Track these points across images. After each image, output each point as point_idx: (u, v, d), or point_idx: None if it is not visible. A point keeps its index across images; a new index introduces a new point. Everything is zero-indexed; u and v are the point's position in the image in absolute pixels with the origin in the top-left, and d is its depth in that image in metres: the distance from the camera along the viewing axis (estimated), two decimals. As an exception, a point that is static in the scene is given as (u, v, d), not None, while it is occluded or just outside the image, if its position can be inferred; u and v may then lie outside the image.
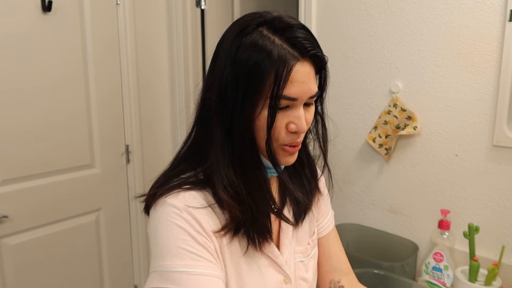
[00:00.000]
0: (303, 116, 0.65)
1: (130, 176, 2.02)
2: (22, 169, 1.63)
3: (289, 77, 0.61)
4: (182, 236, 0.63)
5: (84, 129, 1.80)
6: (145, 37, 2.00)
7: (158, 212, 0.66)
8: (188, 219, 0.64)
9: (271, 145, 0.65)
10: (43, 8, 1.60)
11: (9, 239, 1.62)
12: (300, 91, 0.63)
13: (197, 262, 0.62)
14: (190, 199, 0.66)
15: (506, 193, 1.26)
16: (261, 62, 0.61)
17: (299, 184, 0.79)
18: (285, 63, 0.61)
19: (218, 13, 2.21)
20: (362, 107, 1.52)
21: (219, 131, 0.66)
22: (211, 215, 0.67)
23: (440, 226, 1.31)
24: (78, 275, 1.86)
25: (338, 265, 0.87)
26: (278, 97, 0.61)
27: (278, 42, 0.62)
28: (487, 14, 1.22)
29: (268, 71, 0.61)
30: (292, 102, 0.64)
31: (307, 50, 0.63)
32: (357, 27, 1.49)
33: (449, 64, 1.31)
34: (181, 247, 0.62)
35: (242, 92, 0.63)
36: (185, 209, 0.64)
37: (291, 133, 0.66)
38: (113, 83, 1.89)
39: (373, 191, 1.53)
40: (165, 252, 0.63)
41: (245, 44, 0.62)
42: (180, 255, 0.62)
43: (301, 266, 0.79)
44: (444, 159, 1.36)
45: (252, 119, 0.64)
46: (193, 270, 0.62)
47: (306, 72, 0.64)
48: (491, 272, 1.16)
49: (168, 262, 0.62)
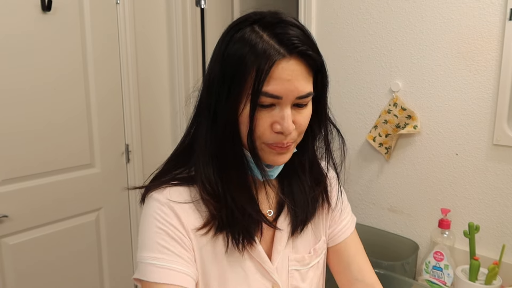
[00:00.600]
0: (288, 117, 0.62)
1: (130, 176, 2.02)
2: (22, 169, 1.62)
3: (271, 73, 0.59)
4: (157, 229, 0.65)
5: (84, 129, 1.80)
6: (145, 37, 2.00)
7: (146, 206, 0.68)
8: (168, 213, 0.65)
9: (254, 143, 0.64)
10: (42, 7, 1.60)
11: (9, 239, 1.62)
12: (284, 89, 0.60)
13: (167, 257, 0.63)
14: (174, 195, 0.67)
15: (506, 192, 1.26)
16: (245, 55, 0.60)
17: (300, 192, 0.75)
18: (268, 58, 0.59)
19: (218, 12, 2.21)
20: (362, 106, 1.52)
21: (204, 126, 0.66)
22: (194, 211, 0.67)
23: (441, 225, 1.31)
24: (78, 275, 1.86)
25: (360, 275, 0.81)
26: (258, 93, 0.60)
27: (265, 38, 0.60)
28: (487, 13, 1.22)
29: (251, 65, 0.59)
30: (277, 101, 0.61)
31: (294, 46, 0.60)
32: (357, 26, 1.49)
33: (449, 63, 1.31)
34: (155, 240, 0.64)
35: (227, 86, 0.62)
36: (167, 204, 0.66)
37: (276, 133, 0.63)
38: (113, 82, 1.89)
39: (373, 190, 1.53)
40: (142, 244, 0.65)
41: (234, 39, 0.62)
42: (152, 248, 0.64)
43: (296, 274, 0.75)
44: (444, 158, 1.35)
45: (236, 115, 0.63)
46: (161, 264, 0.63)
47: (292, 70, 0.61)
48: (491, 271, 1.16)
49: (143, 254, 0.64)
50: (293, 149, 0.69)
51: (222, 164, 0.67)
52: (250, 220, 0.68)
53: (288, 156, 0.68)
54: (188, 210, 0.67)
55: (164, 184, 0.69)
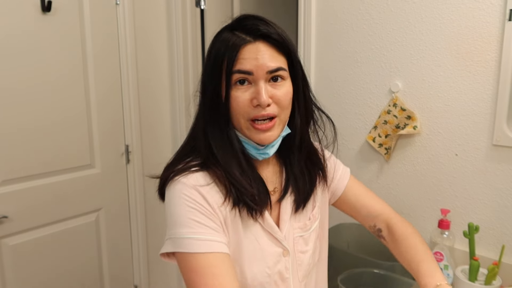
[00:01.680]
0: (262, 89, 0.74)
1: (130, 176, 2.02)
2: (22, 169, 1.62)
3: (238, 55, 0.74)
4: (189, 208, 0.74)
5: (84, 129, 1.80)
6: (144, 37, 2.00)
7: (172, 189, 0.77)
8: (195, 194, 0.75)
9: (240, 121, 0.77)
10: (42, 8, 1.60)
11: (9, 239, 1.62)
12: (253, 65, 0.74)
13: (204, 230, 0.73)
14: (198, 179, 0.77)
15: (506, 193, 1.26)
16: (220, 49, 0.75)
17: (301, 172, 0.87)
18: (236, 44, 0.74)
19: (217, 13, 2.21)
20: (361, 107, 1.52)
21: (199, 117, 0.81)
22: (214, 191, 0.77)
23: (440, 226, 1.31)
24: (78, 275, 1.86)
25: (367, 211, 0.96)
26: (230, 72, 0.74)
27: (237, 33, 0.76)
28: (487, 13, 1.22)
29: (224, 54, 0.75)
30: (250, 77, 0.74)
31: (257, 31, 0.75)
32: (357, 27, 1.49)
33: (448, 64, 1.31)
34: (188, 217, 0.73)
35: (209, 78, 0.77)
36: (193, 187, 0.75)
37: (255, 107, 0.75)
38: (113, 83, 1.89)
39: (373, 191, 1.52)
40: (177, 222, 0.74)
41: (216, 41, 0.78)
42: (189, 224, 0.73)
43: (300, 240, 0.87)
44: (444, 158, 1.36)
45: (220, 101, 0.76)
46: (200, 237, 0.72)
47: (258, 50, 0.74)
48: (491, 271, 1.16)
49: (180, 230, 0.73)
50: (278, 127, 0.79)
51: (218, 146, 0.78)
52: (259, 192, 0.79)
53: (274, 134, 0.78)
54: (210, 191, 0.77)
55: (187, 171, 0.78)
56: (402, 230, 0.92)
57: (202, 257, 0.71)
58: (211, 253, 0.71)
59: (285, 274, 0.84)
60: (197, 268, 0.71)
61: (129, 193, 2.03)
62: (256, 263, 0.80)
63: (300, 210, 0.87)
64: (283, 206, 0.85)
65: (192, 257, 0.71)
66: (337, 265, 1.28)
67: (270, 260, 0.81)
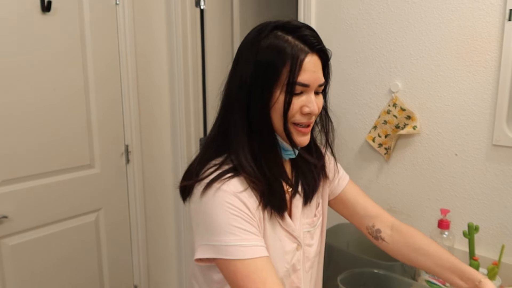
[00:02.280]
0: (314, 100, 0.80)
1: (129, 176, 2.02)
2: (22, 169, 1.63)
3: (302, 66, 0.76)
4: (233, 216, 0.76)
5: (84, 130, 1.80)
6: (144, 37, 2.00)
7: (212, 197, 0.77)
8: (237, 201, 0.77)
9: (287, 124, 0.79)
10: (42, 8, 1.60)
11: (9, 240, 1.62)
12: (311, 78, 0.78)
13: (248, 236, 0.76)
14: (236, 185, 0.79)
15: (505, 192, 1.26)
16: (277, 58, 0.76)
17: (308, 169, 0.92)
18: (299, 56, 0.76)
19: (217, 13, 2.21)
20: (361, 107, 1.52)
21: (239, 117, 0.80)
22: (250, 195, 0.80)
23: (440, 226, 1.31)
24: (78, 275, 1.86)
25: (365, 212, 1.00)
26: (294, 83, 0.76)
27: (291, 40, 0.77)
28: (487, 13, 1.22)
29: (285, 63, 0.76)
30: (305, 88, 0.78)
31: (314, 45, 0.78)
32: (356, 27, 1.49)
33: (448, 64, 1.31)
34: (234, 225, 0.75)
35: (261, 84, 0.77)
36: (233, 194, 0.77)
37: (304, 114, 0.80)
38: (113, 83, 1.89)
39: (373, 191, 1.54)
40: (220, 230, 0.75)
41: (263, 47, 0.77)
42: (234, 231, 0.75)
43: (307, 235, 0.93)
44: (444, 158, 1.36)
45: (269, 104, 0.78)
46: (245, 243, 0.75)
47: (315, 63, 0.79)
48: (490, 271, 1.16)
49: (224, 238, 0.75)
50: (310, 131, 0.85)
51: (260, 149, 0.81)
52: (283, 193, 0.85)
53: (309, 136, 0.85)
54: (247, 196, 0.79)
55: (223, 177, 0.79)
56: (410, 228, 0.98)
57: (250, 263, 0.74)
58: (257, 258, 0.75)
59: (297, 266, 0.90)
60: (245, 274, 0.74)
61: (128, 193, 2.03)
62: (278, 260, 0.85)
63: (308, 205, 0.92)
64: (294, 203, 0.90)
65: (239, 263, 0.74)
66: (337, 265, 1.28)
67: (289, 256, 0.87)
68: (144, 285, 2.15)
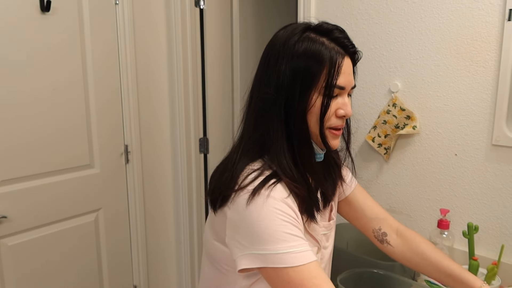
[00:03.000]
0: (349, 103, 0.81)
1: (129, 176, 2.02)
2: (21, 169, 1.62)
3: (341, 69, 0.76)
4: (283, 222, 0.74)
5: (83, 129, 1.80)
6: (144, 37, 2.00)
7: (261, 205, 0.74)
8: (285, 207, 0.75)
9: (324, 129, 0.80)
10: (41, 8, 1.60)
11: (8, 240, 1.62)
12: (347, 81, 0.79)
13: (298, 242, 0.74)
14: (282, 191, 0.77)
15: (505, 192, 1.26)
16: (316, 61, 0.76)
17: (328, 173, 0.93)
18: (337, 59, 0.76)
19: (217, 13, 2.21)
20: (361, 107, 1.52)
21: (277, 121, 0.78)
22: (293, 201, 0.79)
23: (440, 226, 1.31)
24: (77, 275, 1.86)
25: (373, 214, 1.01)
26: (332, 86, 0.77)
27: (326, 43, 0.77)
28: (486, 13, 1.22)
29: (323, 66, 0.76)
30: (341, 91, 0.79)
31: (348, 47, 0.79)
32: (356, 26, 1.49)
33: (448, 64, 1.31)
34: (284, 231, 0.73)
35: (299, 87, 0.76)
36: (282, 200, 0.76)
37: (338, 117, 0.80)
38: (112, 82, 1.89)
39: (373, 191, 1.54)
40: (269, 238, 0.72)
41: (298, 52, 0.76)
42: (285, 238, 0.73)
43: (323, 238, 0.93)
44: (444, 158, 1.36)
45: (307, 109, 0.78)
46: (297, 249, 0.73)
47: (349, 65, 0.80)
48: (490, 271, 1.16)
49: (274, 246, 0.72)
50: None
51: (298, 152, 0.80)
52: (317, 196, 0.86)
53: (339, 140, 0.86)
54: (291, 202, 0.78)
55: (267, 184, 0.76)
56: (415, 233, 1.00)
57: (303, 269, 0.72)
58: (309, 263, 0.73)
59: None
60: (298, 281, 0.71)
61: (128, 193, 2.03)
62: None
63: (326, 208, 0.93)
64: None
65: (291, 271, 0.72)
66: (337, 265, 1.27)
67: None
68: (144, 285, 2.15)
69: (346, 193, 1.03)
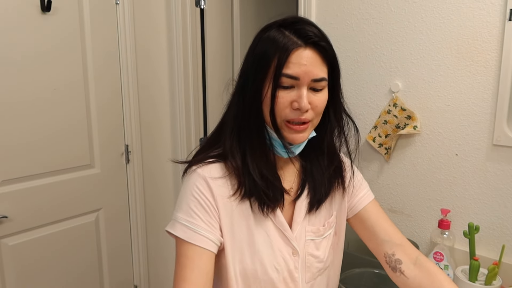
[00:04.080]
0: (305, 96, 0.75)
1: (130, 176, 2.02)
2: (22, 169, 1.62)
3: (289, 58, 0.73)
4: (192, 197, 0.79)
5: (84, 129, 1.80)
6: (144, 37, 2.00)
7: (187, 178, 0.82)
8: (203, 186, 0.79)
9: (276, 119, 0.77)
10: (42, 8, 1.60)
11: (9, 240, 1.62)
12: (301, 71, 0.74)
13: (195, 221, 0.77)
14: (211, 171, 0.81)
15: (506, 192, 1.26)
16: (269, 48, 0.75)
17: (319, 174, 0.88)
18: (288, 47, 0.74)
19: (217, 12, 2.21)
20: (361, 107, 1.52)
21: (234, 107, 0.81)
22: (226, 183, 0.81)
23: (440, 226, 1.31)
24: (78, 275, 1.86)
25: (387, 236, 0.88)
26: (279, 75, 0.74)
27: (286, 33, 0.75)
28: (487, 13, 1.22)
29: (274, 55, 0.74)
30: (295, 82, 0.75)
31: (309, 37, 0.75)
32: (357, 26, 1.49)
33: (449, 64, 1.31)
34: (189, 205, 0.79)
35: (253, 75, 0.77)
36: (204, 178, 0.79)
37: (294, 110, 0.76)
38: (113, 82, 1.89)
39: (373, 191, 1.51)
40: (179, 206, 0.80)
41: (262, 39, 0.78)
42: (185, 211, 0.79)
43: (311, 244, 0.88)
44: (444, 158, 1.36)
45: (260, 97, 0.76)
46: (190, 226, 0.77)
47: (307, 57, 0.75)
48: (491, 271, 1.16)
49: (178, 214, 0.79)
50: (309, 130, 0.80)
51: (247, 139, 0.80)
52: (273, 189, 0.81)
53: (305, 135, 0.80)
54: (221, 183, 0.80)
55: (204, 161, 0.82)
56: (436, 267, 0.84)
57: (183, 244, 0.77)
58: (191, 244, 0.76)
59: (295, 273, 0.86)
60: (178, 253, 0.77)
61: (129, 193, 2.03)
62: (266, 257, 0.82)
63: (314, 212, 0.88)
64: (298, 207, 0.87)
65: (178, 242, 0.78)
66: (337, 265, 1.27)
67: (279, 256, 0.84)
68: (144, 285, 2.15)
69: (356, 208, 0.93)
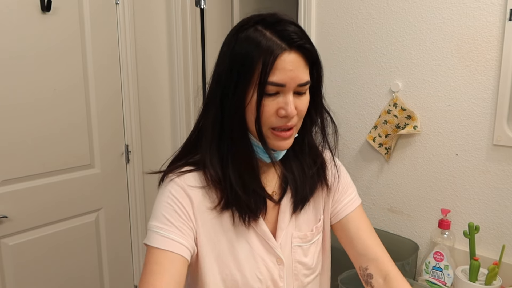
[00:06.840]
0: (291, 102, 0.71)
1: (130, 176, 2.02)
2: (22, 169, 1.62)
3: (275, 65, 0.68)
4: (166, 204, 0.75)
5: (84, 130, 1.80)
6: (144, 37, 2.00)
7: (163, 186, 0.79)
8: (180, 193, 0.76)
9: (261, 128, 0.72)
10: (42, 8, 1.60)
11: (9, 239, 1.62)
12: (287, 77, 0.69)
13: (168, 227, 0.74)
14: (190, 180, 0.77)
15: (506, 192, 1.26)
16: (251, 52, 0.69)
17: (300, 172, 0.84)
18: (272, 52, 0.68)
19: (217, 12, 2.21)
20: (362, 107, 1.52)
21: (212, 115, 0.75)
22: (206, 194, 0.77)
23: (441, 226, 1.31)
24: (78, 275, 1.86)
25: (363, 249, 0.85)
26: (265, 83, 0.68)
27: (268, 35, 0.69)
28: (487, 13, 1.22)
29: (257, 60, 0.68)
30: (281, 89, 0.70)
31: (293, 41, 0.69)
32: (357, 26, 1.49)
33: (449, 63, 1.31)
34: (161, 212, 0.75)
35: (235, 80, 0.70)
36: (182, 187, 0.76)
37: (280, 117, 0.72)
38: (113, 82, 1.89)
39: (373, 191, 1.53)
40: (153, 215, 0.77)
41: (240, 39, 0.71)
42: (158, 218, 0.75)
43: (298, 250, 0.84)
44: (444, 158, 1.35)
45: (244, 104, 0.71)
46: (162, 232, 0.73)
47: (293, 61, 0.69)
48: (491, 271, 1.16)
49: (151, 222, 0.76)
50: (294, 135, 0.77)
51: (228, 147, 0.75)
52: (254, 198, 0.77)
53: (290, 141, 0.76)
54: (200, 193, 0.77)
55: (182, 169, 0.79)
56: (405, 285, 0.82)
57: (154, 252, 0.72)
58: (163, 250, 0.72)
59: (279, 282, 0.82)
60: (148, 261, 0.73)
61: (129, 193, 2.03)
62: (248, 268, 0.79)
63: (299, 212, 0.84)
64: (282, 209, 0.83)
65: (148, 249, 0.74)
66: (337, 265, 1.27)
67: (262, 266, 0.80)
68: (144, 285, 2.15)
69: (339, 215, 0.88)
